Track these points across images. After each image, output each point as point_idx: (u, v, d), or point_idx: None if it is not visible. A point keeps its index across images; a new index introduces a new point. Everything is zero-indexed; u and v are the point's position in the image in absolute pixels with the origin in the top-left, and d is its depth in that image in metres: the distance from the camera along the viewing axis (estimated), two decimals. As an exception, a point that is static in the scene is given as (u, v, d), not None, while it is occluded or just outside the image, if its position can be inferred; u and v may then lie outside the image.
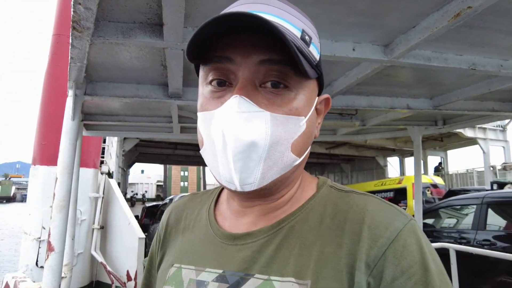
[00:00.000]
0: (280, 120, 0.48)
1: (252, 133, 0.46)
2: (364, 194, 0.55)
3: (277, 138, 0.48)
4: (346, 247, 0.48)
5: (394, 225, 0.48)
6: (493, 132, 9.40)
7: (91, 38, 1.57)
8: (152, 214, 9.17)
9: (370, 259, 0.46)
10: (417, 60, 2.08)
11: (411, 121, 4.60)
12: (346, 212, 0.52)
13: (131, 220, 4.63)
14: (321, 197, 0.56)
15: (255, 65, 0.48)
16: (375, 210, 0.51)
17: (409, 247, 0.47)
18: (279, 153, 0.49)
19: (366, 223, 0.49)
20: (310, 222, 0.53)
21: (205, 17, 1.63)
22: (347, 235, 0.49)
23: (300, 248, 0.51)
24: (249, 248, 0.53)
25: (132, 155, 13.46)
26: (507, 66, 2.32)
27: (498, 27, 1.88)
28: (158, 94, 2.63)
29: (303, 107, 0.51)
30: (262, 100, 0.48)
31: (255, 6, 0.49)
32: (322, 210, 0.54)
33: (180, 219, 0.68)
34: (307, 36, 0.50)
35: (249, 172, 0.48)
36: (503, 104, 3.55)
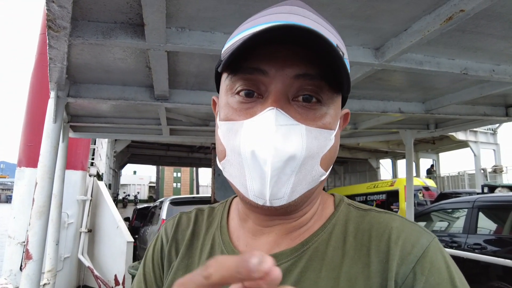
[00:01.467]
0: (314, 133, 0.48)
1: (291, 146, 0.45)
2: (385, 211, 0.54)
3: (311, 152, 0.47)
4: (373, 266, 0.48)
5: (420, 242, 0.48)
6: (484, 135, 9.46)
7: (69, 38, 1.49)
8: (143, 216, 9.06)
9: (399, 277, 0.46)
10: (408, 64, 2.04)
11: (403, 125, 4.58)
12: (369, 231, 0.51)
13: (119, 223, 4.53)
14: (341, 215, 0.55)
15: (289, 79, 0.46)
16: (400, 227, 0.50)
17: (436, 264, 0.47)
18: (310, 167, 0.48)
19: (393, 240, 0.49)
20: (333, 242, 0.52)
21: (189, 17, 1.56)
22: (373, 253, 0.49)
23: (327, 270, 0.49)
24: None
25: (124, 156, 13.31)
26: (499, 71, 2.29)
27: (491, 31, 1.84)
28: (144, 96, 2.55)
29: (333, 121, 0.50)
30: (295, 114, 0.47)
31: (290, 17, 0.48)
32: (344, 229, 0.53)
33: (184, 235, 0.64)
34: (341, 51, 0.49)
35: (280, 186, 0.46)
36: (495, 108, 3.55)
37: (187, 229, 0.65)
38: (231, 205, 0.65)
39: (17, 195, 4.38)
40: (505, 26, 1.79)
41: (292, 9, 0.49)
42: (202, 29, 1.67)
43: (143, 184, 36.63)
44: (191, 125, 4.01)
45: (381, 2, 1.50)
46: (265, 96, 0.48)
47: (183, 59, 2.05)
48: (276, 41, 0.44)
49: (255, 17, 0.51)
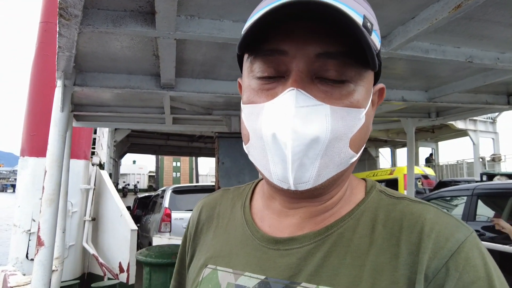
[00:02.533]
0: (340, 113, 0.45)
1: (313, 129, 0.43)
2: (419, 201, 0.51)
3: (337, 133, 0.44)
4: (402, 257, 0.45)
5: (456, 236, 0.45)
6: (483, 124, 9.51)
7: (79, 27, 1.50)
8: (144, 205, 9.12)
9: (430, 271, 0.44)
10: (415, 52, 2.05)
11: (405, 113, 4.60)
12: (400, 220, 0.48)
13: (123, 211, 4.58)
14: (372, 202, 0.52)
15: (311, 57, 0.44)
16: (434, 219, 0.47)
17: (472, 261, 0.43)
18: (338, 150, 0.45)
19: (425, 232, 0.46)
20: (361, 229, 0.49)
21: (199, 5, 1.57)
22: (403, 244, 0.46)
23: (352, 257, 0.47)
24: (294, 255, 0.50)
25: (123, 146, 13.33)
26: (504, 59, 2.30)
27: (499, 19, 1.85)
28: (150, 85, 2.56)
29: (363, 99, 0.47)
30: (319, 94, 0.45)
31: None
32: (374, 217, 0.50)
33: (212, 216, 0.65)
34: (369, 22, 0.45)
35: (304, 170, 0.44)
36: (497, 97, 3.56)
37: (213, 210, 0.65)
38: (256, 187, 0.64)
39: (21, 184, 4.41)
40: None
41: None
42: (211, 17, 1.67)
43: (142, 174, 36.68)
44: (194, 113, 4.01)
45: (390, -10, 1.50)
46: (286, 77, 0.46)
47: (190, 47, 2.05)
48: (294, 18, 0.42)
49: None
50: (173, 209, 5.78)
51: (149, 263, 2.66)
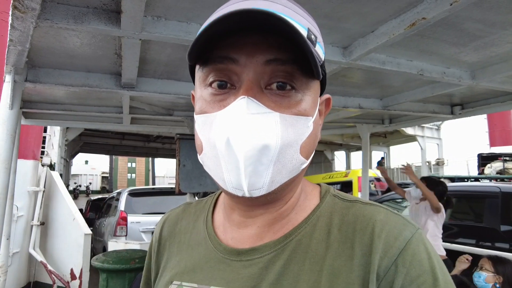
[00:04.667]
0: (290, 121, 0.46)
1: (264, 135, 0.44)
2: (370, 203, 0.53)
3: (287, 140, 0.46)
4: (357, 259, 0.48)
5: (403, 234, 0.48)
6: (430, 131, 10.26)
7: (36, 21, 1.41)
8: (98, 208, 8.69)
9: (381, 270, 0.46)
10: (372, 63, 2.18)
11: (361, 119, 4.84)
12: (354, 223, 0.51)
13: (76, 215, 4.33)
14: (326, 207, 0.54)
15: (260, 66, 0.45)
16: (383, 220, 0.50)
17: (418, 256, 0.47)
18: (289, 156, 0.46)
19: (376, 233, 0.48)
20: (317, 235, 0.51)
21: (167, 6, 1.54)
22: (357, 246, 0.48)
23: (310, 263, 0.49)
24: (256, 265, 0.51)
25: (75, 145, 12.59)
26: (449, 74, 2.52)
27: (445, 38, 2.02)
28: (109, 84, 2.46)
29: (310, 108, 0.49)
30: (269, 103, 0.46)
31: (257, 3, 0.45)
32: (329, 222, 0.52)
33: (173, 232, 0.64)
34: (313, 35, 0.47)
35: (258, 176, 0.45)
36: (442, 107, 3.87)
37: (175, 225, 0.65)
38: (218, 199, 0.64)
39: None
40: (457, 34, 1.98)
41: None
42: (179, 19, 1.65)
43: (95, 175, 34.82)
44: (154, 114, 3.91)
45: (353, 4, 1.58)
46: (237, 86, 0.46)
47: (154, 47, 2.01)
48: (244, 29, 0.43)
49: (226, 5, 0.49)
50: (129, 212, 5.57)
51: (106, 269, 2.55)
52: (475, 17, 1.75)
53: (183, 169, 3.53)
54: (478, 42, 2.09)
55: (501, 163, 6.08)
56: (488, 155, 6.64)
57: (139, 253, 2.83)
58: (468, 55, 2.31)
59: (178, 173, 3.56)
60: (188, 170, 3.56)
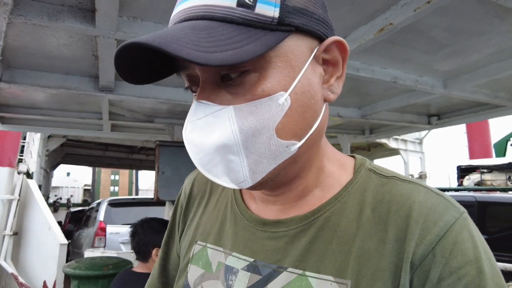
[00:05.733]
0: (246, 109, 0.42)
1: (214, 136, 0.42)
2: (409, 181, 0.49)
3: (250, 130, 0.42)
4: (389, 244, 0.43)
5: (444, 219, 0.43)
6: (412, 144, 10.47)
7: (9, 16, 1.41)
8: (77, 220, 8.47)
9: (416, 258, 0.42)
10: (347, 70, 2.24)
11: (341, 130, 4.92)
12: (388, 203, 0.46)
13: (51, 224, 4.20)
14: (360, 183, 0.50)
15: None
16: (422, 201, 0.45)
17: (460, 244, 0.41)
18: (262, 144, 0.42)
19: (413, 217, 0.43)
20: (348, 213, 0.47)
21: (143, 7, 1.57)
22: (391, 230, 0.44)
23: (338, 243, 0.46)
24: (281, 238, 0.49)
25: (57, 156, 12.32)
26: (422, 82, 2.61)
27: (415, 45, 2.10)
28: (88, 87, 2.45)
29: (277, 82, 0.42)
30: (226, 96, 0.43)
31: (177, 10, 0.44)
32: (361, 199, 0.48)
33: (204, 191, 0.64)
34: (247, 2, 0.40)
35: (234, 172, 0.43)
36: (420, 117, 3.98)
37: (206, 185, 0.64)
38: None
39: None
40: (426, 42, 2.06)
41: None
42: (155, 20, 1.67)
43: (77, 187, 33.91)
44: (135, 121, 3.89)
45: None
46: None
47: (132, 50, 2.02)
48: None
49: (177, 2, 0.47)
50: (109, 222, 5.45)
51: (78, 275, 2.47)
52: (442, 25, 1.84)
53: (162, 176, 3.50)
54: (447, 51, 2.19)
55: (479, 175, 6.24)
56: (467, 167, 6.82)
57: (114, 259, 2.76)
58: (439, 64, 2.40)
59: (157, 180, 3.53)
60: (168, 177, 3.53)
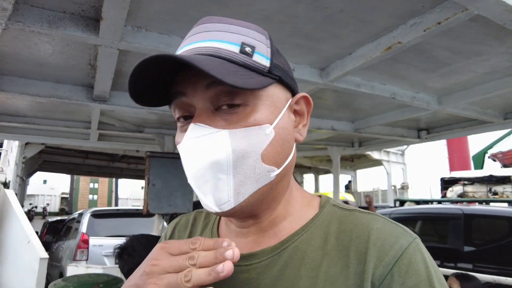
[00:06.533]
0: (240, 134, 0.47)
1: (210, 153, 0.47)
2: (368, 212, 0.54)
3: (241, 152, 0.47)
4: (352, 267, 0.48)
5: (399, 243, 0.48)
6: (395, 155, 10.67)
7: (6, 22, 1.33)
8: (56, 230, 8.11)
9: (375, 278, 0.46)
10: (348, 85, 2.24)
11: (331, 142, 4.95)
12: (351, 231, 0.51)
13: (31, 237, 3.99)
14: (325, 216, 0.55)
15: (203, 92, 0.48)
16: (380, 228, 0.50)
17: (414, 265, 0.46)
18: (249, 166, 0.48)
19: (372, 242, 0.48)
20: (314, 242, 0.52)
21: (148, 17, 1.51)
22: (353, 254, 0.49)
23: (306, 269, 0.50)
24: (254, 270, 0.53)
25: (34, 163, 11.83)
26: (419, 98, 2.65)
27: (416, 63, 2.13)
28: (80, 96, 2.35)
29: (265, 116, 0.49)
30: (220, 122, 0.48)
31: (198, 36, 0.51)
32: (327, 230, 0.53)
33: (183, 237, 0.67)
34: (248, 47, 0.49)
35: (220, 191, 0.47)
36: (410, 131, 4.05)
37: (185, 230, 0.67)
38: None
39: None
40: (427, 61, 2.10)
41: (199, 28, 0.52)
42: (160, 31, 1.62)
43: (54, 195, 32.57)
44: (124, 130, 3.78)
45: (332, 26, 1.63)
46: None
47: (131, 59, 1.95)
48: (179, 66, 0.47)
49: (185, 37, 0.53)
50: (92, 234, 5.22)
51: (65, 295, 2.33)
52: (444, 45, 1.87)
53: (152, 189, 3.39)
54: (445, 69, 2.23)
55: (461, 186, 6.40)
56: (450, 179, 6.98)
57: (103, 277, 2.62)
58: (435, 81, 2.44)
59: (147, 193, 3.41)
60: (158, 189, 3.42)
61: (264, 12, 1.49)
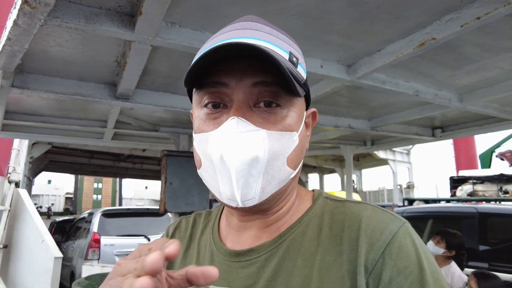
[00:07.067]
0: (276, 136, 0.51)
1: (252, 151, 0.49)
2: (359, 202, 0.57)
3: (274, 153, 0.51)
4: (346, 254, 0.51)
5: (389, 228, 0.50)
6: (400, 155, 10.64)
7: (45, 18, 1.31)
8: (64, 230, 8.13)
9: (369, 262, 0.49)
10: (374, 82, 2.22)
11: (344, 141, 4.93)
12: (342, 221, 0.54)
13: (45, 236, 3.99)
14: (318, 208, 0.58)
15: (248, 88, 0.51)
16: (370, 215, 0.53)
17: (404, 248, 0.49)
18: (277, 168, 0.51)
19: (362, 228, 0.51)
20: (309, 233, 0.55)
21: (184, 13, 1.50)
22: (345, 242, 0.51)
23: (302, 259, 0.53)
24: (254, 264, 0.55)
25: (40, 163, 11.84)
26: (441, 96, 2.63)
27: (443, 60, 2.11)
28: (103, 94, 2.34)
29: (295, 123, 0.54)
30: (257, 119, 0.51)
31: (245, 33, 0.52)
32: (320, 221, 0.56)
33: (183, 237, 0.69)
34: (294, 57, 0.53)
35: (249, 187, 0.50)
36: (424, 129, 4.03)
37: (185, 232, 0.69)
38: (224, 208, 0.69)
39: None
40: (455, 57, 2.07)
41: (246, 24, 0.54)
42: (193, 27, 1.61)
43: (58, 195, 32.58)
44: (139, 129, 3.77)
45: (368, 22, 1.62)
46: (229, 106, 0.52)
47: (159, 56, 1.94)
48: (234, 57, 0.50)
49: (217, 34, 0.55)
50: (103, 234, 5.23)
51: (88, 294, 2.32)
52: (476, 41, 1.85)
53: (170, 188, 3.38)
54: (472, 66, 2.21)
55: (471, 185, 6.36)
56: (459, 178, 6.94)
57: (124, 276, 2.62)
58: (459, 78, 2.42)
59: (164, 192, 3.40)
60: (175, 188, 3.41)
61: (300, 8, 1.47)
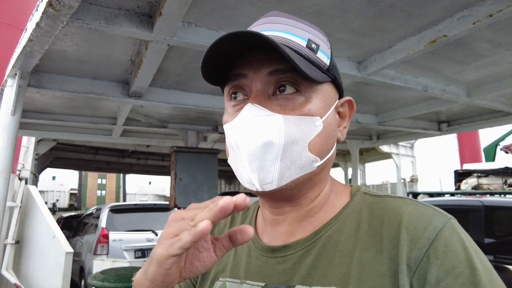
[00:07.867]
0: (293, 121, 0.50)
1: (265, 134, 0.49)
2: (399, 197, 0.55)
3: (291, 138, 0.50)
4: (386, 251, 0.48)
5: (433, 224, 0.47)
6: (404, 148, 10.63)
7: (67, 20, 1.35)
8: (70, 226, 8.22)
9: (412, 261, 0.46)
10: (384, 79, 2.25)
11: (350, 135, 4.96)
12: (382, 217, 0.52)
13: (56, 232, 4.05)
14: (356, 204, 0.56)
15: (265, 77, 0.51)
16: (412, 211, 0.50)
17: (451, 246, 0.45)
18: (296, 153, 0.50)
19: (404, 225, 0.48)
20: (346, 230, 0.53)
21: (201, 12, 1.53)
22: (385, 239, 0.49)
23: (339, 256, 0.51)
24: (289, 260, 0.55)
25: (45, 160, 11.92)
26: (449, 91, 2.65)
27: (453, 56, 2.13)
28: (116, 92, 2.38)
29: (317, 109, 0.52)
30: (275, 107, 0.51)
31: (264, 26, 0.55)
32: (358, 217, 0.54)
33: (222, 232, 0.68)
34: (314, 44, 0.54)
35: (266, 171, 0.50)
36: (431, 123, 4.05)
37: (224, 228, 0.70)
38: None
39: None
40: (465, 53, 2.09)
41: (268, 19, 0.56)
42: (209, 26, 1.64)
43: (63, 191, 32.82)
44: (148, 126, 3.81)
45: (381, 20, 1.64)
46: (250, 97, 0.53)
47: (173, 55, 1.97)
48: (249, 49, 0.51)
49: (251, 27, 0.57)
50: (111, 229, 5.29)
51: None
52: (486, 37, 1.87)
53: (180, 183, 3.42)
54: (481, 61, 2.23)
55: (476, 179, 6.40)
56: (464, 171, 6.98)
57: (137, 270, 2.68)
58: (468, 74, 2.44)
59: (173, 187, 3.45)
60: (185, 184, 3.45)
61: (316, 7, 1.50)
